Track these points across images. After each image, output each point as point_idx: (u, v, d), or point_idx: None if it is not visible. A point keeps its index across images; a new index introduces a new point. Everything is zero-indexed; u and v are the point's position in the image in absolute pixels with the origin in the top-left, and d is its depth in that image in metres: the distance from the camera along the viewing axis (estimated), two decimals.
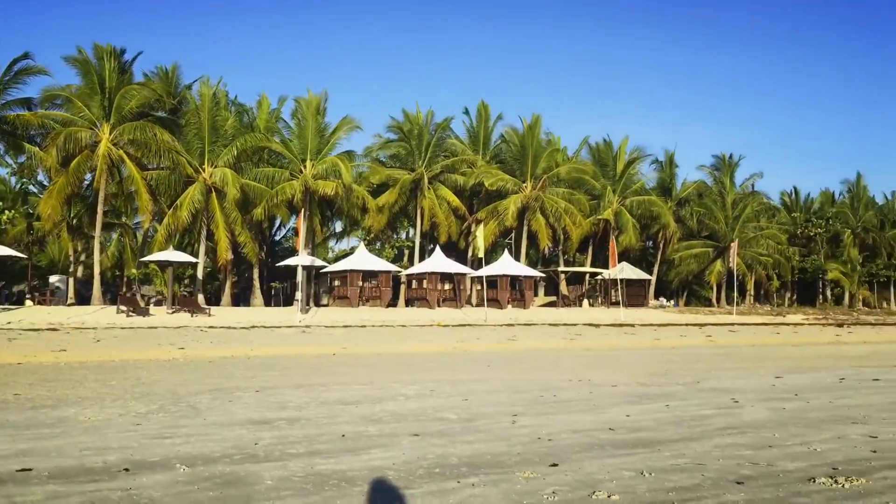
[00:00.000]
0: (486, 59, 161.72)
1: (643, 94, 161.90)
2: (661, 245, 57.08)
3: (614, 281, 48.42)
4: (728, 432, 8.48)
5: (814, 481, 6.28)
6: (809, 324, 41.89)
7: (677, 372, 15.19)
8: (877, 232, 67.12)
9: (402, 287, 47.45)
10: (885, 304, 68.65)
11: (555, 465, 6.74)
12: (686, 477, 6.37)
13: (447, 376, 13.81)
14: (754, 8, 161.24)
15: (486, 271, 43.13)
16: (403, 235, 59.93)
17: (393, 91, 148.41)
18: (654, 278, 55.66)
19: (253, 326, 28.39)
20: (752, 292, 62.64)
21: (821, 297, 66.69)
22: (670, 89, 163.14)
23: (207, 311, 33.83)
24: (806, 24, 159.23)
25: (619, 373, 14.97)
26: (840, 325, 40.54)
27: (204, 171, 39.88)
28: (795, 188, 70.59)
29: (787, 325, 40.67)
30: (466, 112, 53.46)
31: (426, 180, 47.37)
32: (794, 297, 67.73)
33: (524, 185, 49.21)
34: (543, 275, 53.23)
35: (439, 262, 44.83)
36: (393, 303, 45.64)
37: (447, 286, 45.74)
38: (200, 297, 39.69)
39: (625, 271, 49.07)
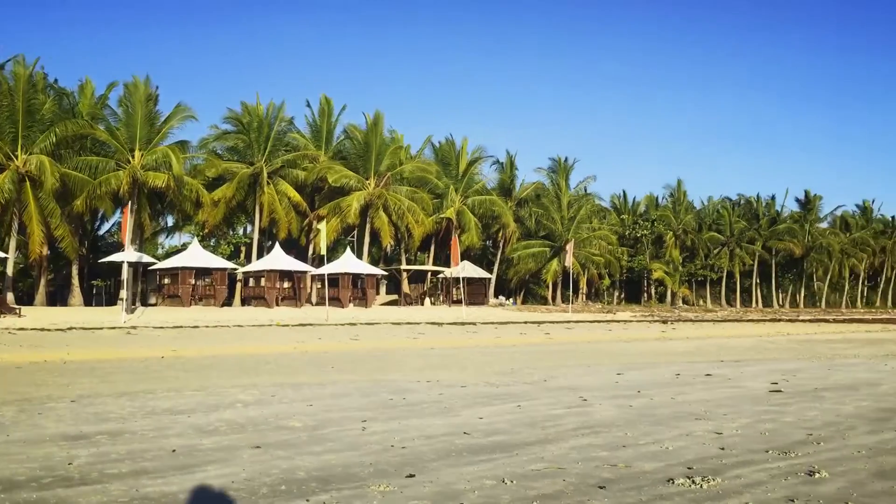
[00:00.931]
0: (328, 56, 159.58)
1: (485, 96, 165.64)
2: (502, 244, 58.41)
3: (456, 279, 48.91)
4: (582, 432, 8.35)
5: (672, 482, 6.17)
6: (637, 321, 44.05)
7: (523, 370, 15.18)
8: (695, 234, 72.06)
9: (239, 285, 45.60)
10: (701, 302, 73.78)
11: (411, 475, 6.25)
12: (548, 483, 6.08)
13: (289, 379, 13.02)
14: (587, 12, 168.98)
15: (327, 269, 42.22)
16: (241, 231, 57.73)
17: (232, 83, 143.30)
18: (494, 277, 56.82)
19: (70, 328, 26.05)
20: (585, 290, 65.41)
21: (646, 294, 70.73)
22: (510, 92, 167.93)
23: (17, 311, 30.78)
24: (631, 32, 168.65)
25: (466, 372, 14.76)
26: (665, 322, 42.91)
27: (16, 158, 36.38)
28: (624, 192, 74.63)
29: (618, 321, 42.56)
30: (309, 105, 52.17)
31: (266, 175, 45.76)
32: (623, 295, 71.44)
33: (367, 182, 48.68)
34: (386, 273, 52.95)
35: (279, 259, 43.45)
36: (228, 302, 43.78)
37: (287, 284, 44.42)
38: (10, 296, 36.14)
39: (466, 270, 49.66)
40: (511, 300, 59.64)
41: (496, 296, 57.89)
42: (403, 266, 54.74)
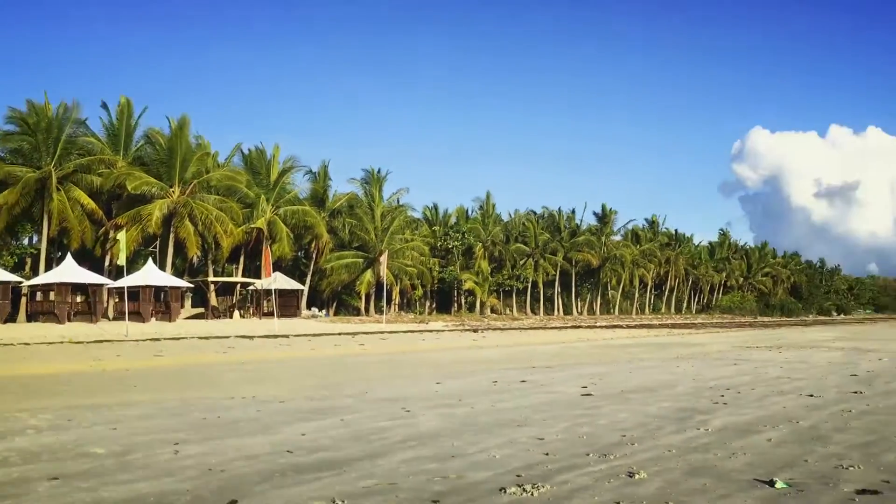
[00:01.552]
0: (128, 57, 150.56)
1: (299, 105, 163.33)
2: (315, 255, 57.55)
3: (267, 291, 47.53)
4: (409, 444, 8.21)
5: (505, 491, 6.16)
6: (449, 330, 44.92)
7: (343, 383, 14.87)
8: (503, 245, 74.90)
9: (24, 300, 41.59)
10: (508, 311, 76.67)
11: (234, 501, 5.80)
12: (381, 501, 5.87)
13: (87, 401, 11.88)
14: (399, 27, 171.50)
15: (126, 281, 39.54)
16: (26, 241, 52.71)
17: (18, 82, 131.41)
18: (306, 288, 55.85)
19: None
20: (398, 301, 65.92)
21: (456, 304, 72.46)
22: (325, 102, 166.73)
23: None
24: (445, 46, 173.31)
25: (283, 387, 14.21)
26: (475, 331, 44.05)
27: None
28: (435, 204, 76.02)
29: (431, 331, 43.15)
30: (105, 107, 48.50)
31: (55, 180, 42.14)
32: (434, 305, 72.71)
33: (172, 189, 46.19)
34: (192, 285, 50.39)
35: (71, 271, 40.11)
36: (12, 317, 39.78)
37: (80, 298, 41.10)
38: None
39: (278, 281, 48.41)
40: (324, 312, 58.88)
41: (309, 307, 56.93)
42: (211, 278, 52.42)
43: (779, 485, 6.53)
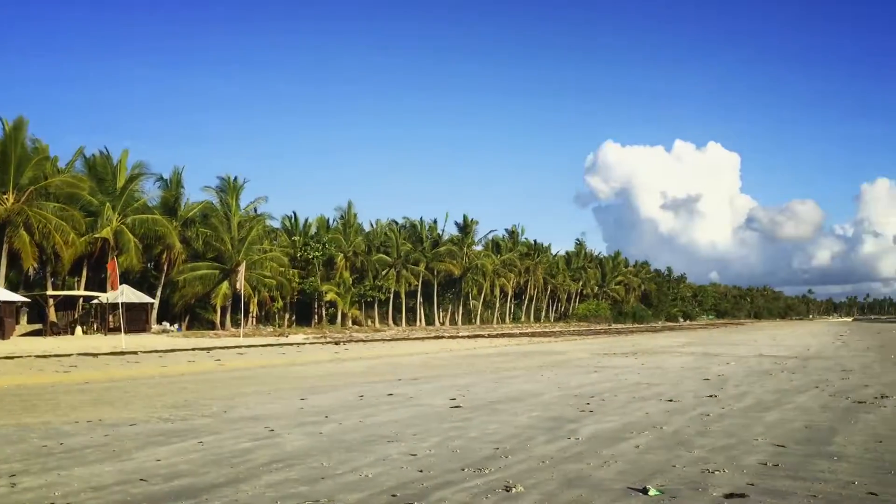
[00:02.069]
0: None
1: (148, 109, 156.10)
2: (166, 267, 54.92)
3: (113, 305, 44.82)
4: (275, 467, 7.72)
5: None
6: (310, 343, 43.90)
7: (199, 402, 14.00)
8: (365, 256, 74.37)
9: None
10: (370, 322, 76.17)
11: None
12: None
13: None
14: (259, 37, 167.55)
15: None
16: None
17: None
18: (157, 302, 53.17)
19: None
20: (256, 314, 64.00)
21: (317, 316, 71.19)
22: (176, 107, 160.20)
23: None
24: (301, 57, 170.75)
25: (133, 408, 13.21)
26: (337, 343, 43.28)
27: None
28: (295, 213, 74.59)
29: (291, 344, 42.01)
30: None
31: None
32: (294, 318, 71.11)
33: (5, 196, 42.79)
34: (28, 300, 46.73)
35: None
36: None
37: None
38: None
39: (125, 294, 45.77)
40: (177, 326, 56.19)
41: (160, 322, 54.19)
42: (50, 291, 48.79)
43: (652, 492, 6.57)
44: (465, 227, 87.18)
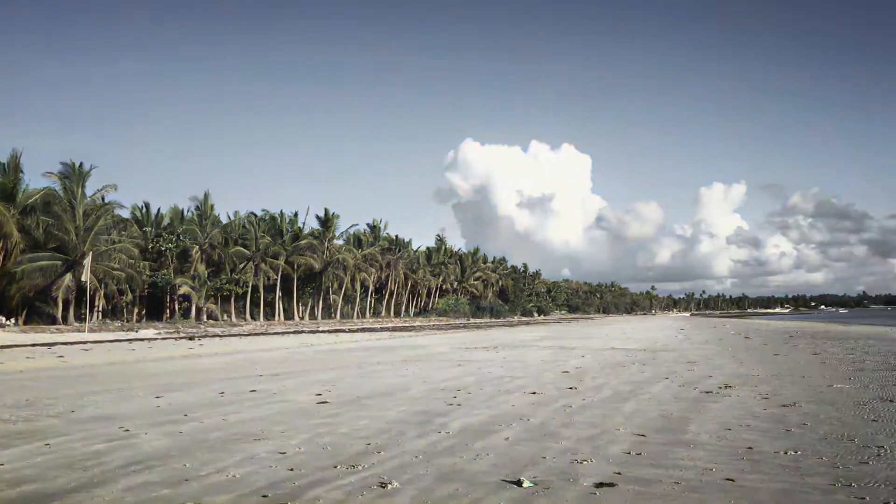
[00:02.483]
0: None
1: None
2: (2, 257, 50.91)
3: None
4: (133, 469, 7.26)
5: None
6: (162, 338, 41.99)
7: (43, 401, 13.00)
8: (222, 248, 71.87)
9: None
10: (226, 317, 73.76)
11: None
12: None
13: None
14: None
15: None
16: None
17: None
18: None
19: None
20: (102, 308, 60.57)
21: (169, 310, 68.19)
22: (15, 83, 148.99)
23: None
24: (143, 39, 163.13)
25: None
26: (192, 339, 41.61)
27: None
28: (147, 203, 70.94)
29: (141, 340, 40.01)
30: None
31: None
32: (145, 312, 67.80)
33: None
34: None
35: None
36: None
37: None
38: None
39: None
40: (13, 321, 52.21)
41: None
42: None
43: (525, 484, 6.65)
44: (327, 221, 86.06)
